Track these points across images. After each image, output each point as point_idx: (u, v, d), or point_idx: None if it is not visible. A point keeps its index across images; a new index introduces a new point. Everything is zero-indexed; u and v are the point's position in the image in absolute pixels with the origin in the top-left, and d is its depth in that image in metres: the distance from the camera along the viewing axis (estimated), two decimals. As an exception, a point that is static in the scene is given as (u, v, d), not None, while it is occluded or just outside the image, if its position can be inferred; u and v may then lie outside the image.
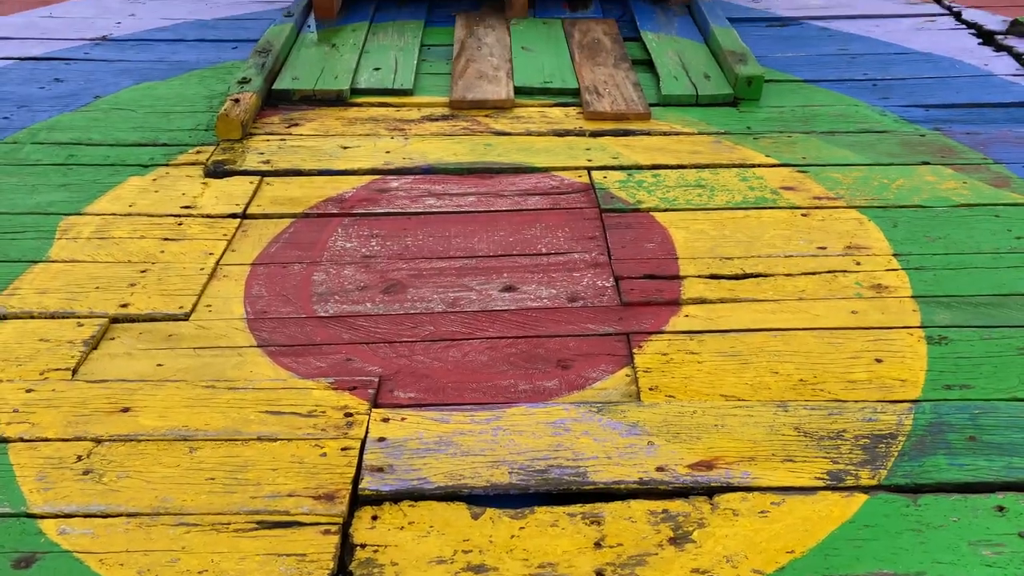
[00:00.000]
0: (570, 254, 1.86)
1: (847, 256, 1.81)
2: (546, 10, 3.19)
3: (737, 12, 3.15)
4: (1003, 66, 2.71)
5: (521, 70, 2.70)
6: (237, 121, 2.25)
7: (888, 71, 2.70)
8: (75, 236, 1.87)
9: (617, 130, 2.37)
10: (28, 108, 2.45)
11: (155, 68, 2.72)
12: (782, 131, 2.34)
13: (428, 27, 3.05)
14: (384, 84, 2.59)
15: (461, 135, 2.36)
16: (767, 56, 2.77)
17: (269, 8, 3.20)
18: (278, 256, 1.84)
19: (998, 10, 3.09)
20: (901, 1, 3.26)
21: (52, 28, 2.99)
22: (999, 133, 2.30)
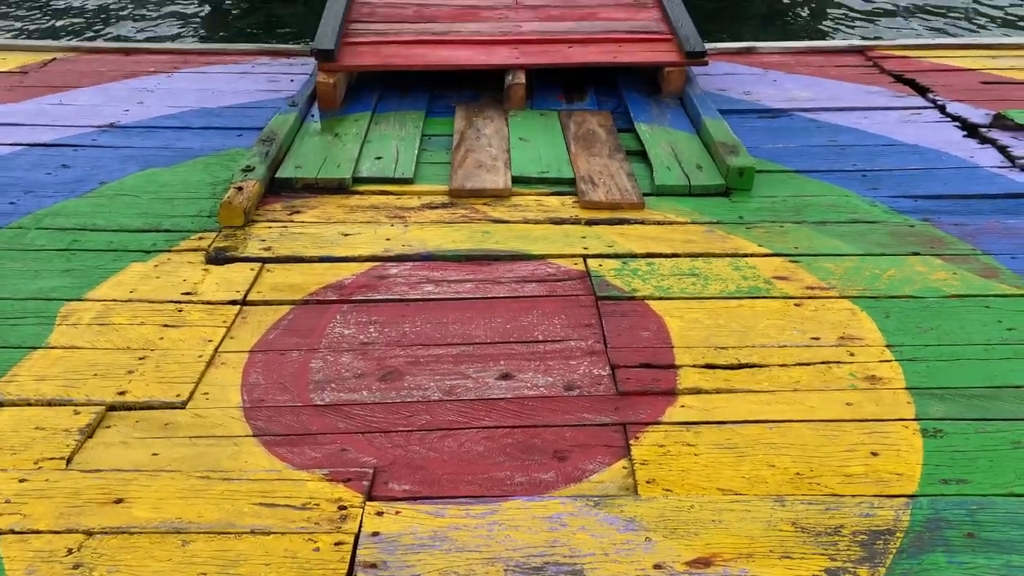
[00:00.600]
0: (566, 341, 1.87)
1: (841, 347, 1.83)
2: (543, 101, 3.29)
3: (728, 104, 3.24)
4: (988, 158, 2.78)
5: (519, 160, 2.77)
6: (240, 208, 2.29)
7: (877, 162, 2.77)
8: (75, 322, 1.89)
9: (612, 219, 2.42)
10: (34, 194, 2.50)
11: (160, 155, 2.78)
12: (774, 221, 2.39)
13: (429, 117, 3.14)
14: (385, 173, 2.65)
15: (460, 222, 2.40)
16: (758, 147, 2.85)
17: (274, 97, 3.29)
18: (276, 343, 1.85)
19: (980, 104, 3.19)
20: (886, 94, 3.37)
21: (62, 115, 3.07)
22: (987, 224, 2.35)
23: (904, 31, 6.89)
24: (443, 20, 3.69)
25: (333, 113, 3.11)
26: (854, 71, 3.62)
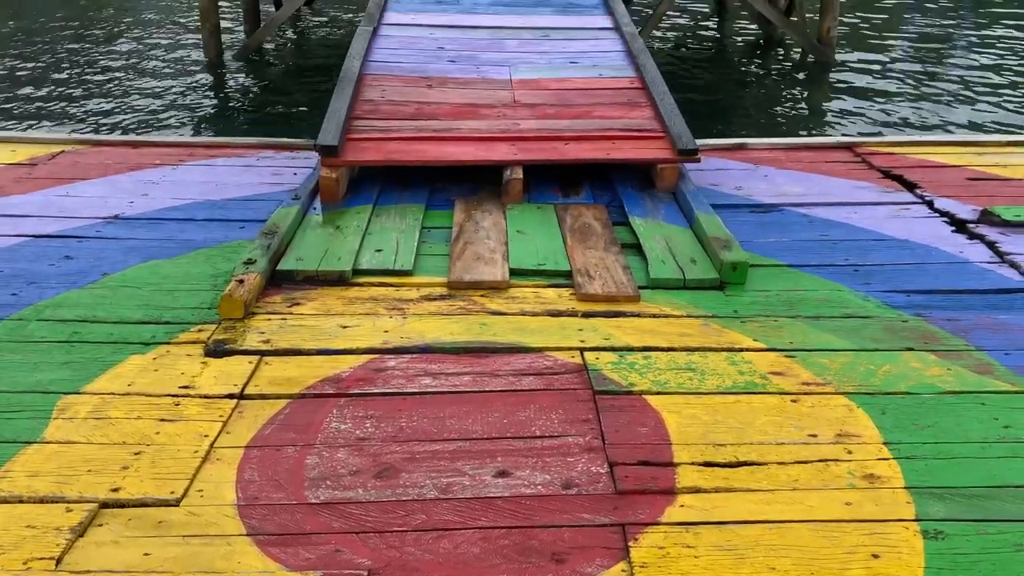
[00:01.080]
0: (564, 437, 1.87)
1: (838, 444, 1.82)
2: (540, 195, 3.36)
3: (721, 199, 3.31)
4: (977, 254, 2.84)
5: (516, 252, 2.82)
6: (240, 301, 2.32)
7: (868, 257, 2.82)
8: (72, 416, 1.88)
9: (608, 311, 2.45)
10: (37, 285, 2.52)
11: (163, 247, 2.82)
12: (768, 315, 2.42)
13: (429, 210, 3.20)
14: (385, 265, 2.70)
15: (458, 315, 2.43)
16: (751, 241, 2.90)
17: (278, 190, 3.36)
18: (272, 439, 1.84)
19: (967, 200, 3.27)
20: (875, 189, 3.45)
21: (68, 207, 3.13)
22: (978, 319, 2.38)
23: (890, 127, 7.10)
24: (444, 117, 3.81)
25: (335, 206, 3.18)
26: (843, 167, 3.72)
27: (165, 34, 10.74)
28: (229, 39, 10.00)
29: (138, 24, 11.43)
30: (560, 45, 5.05)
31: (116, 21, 11.63)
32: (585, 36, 5.25)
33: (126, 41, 10.29)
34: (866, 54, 9.97)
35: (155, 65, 9.06)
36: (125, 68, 8.91)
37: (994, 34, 11.30)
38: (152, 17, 12.01)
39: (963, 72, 9.16)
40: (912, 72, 9.12)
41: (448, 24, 5.44)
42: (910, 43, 10.81)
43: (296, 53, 10.05)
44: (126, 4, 13.08)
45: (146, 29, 11.07)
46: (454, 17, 5.61)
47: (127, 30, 10.99)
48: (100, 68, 8.87)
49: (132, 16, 12.06)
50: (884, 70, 9.18)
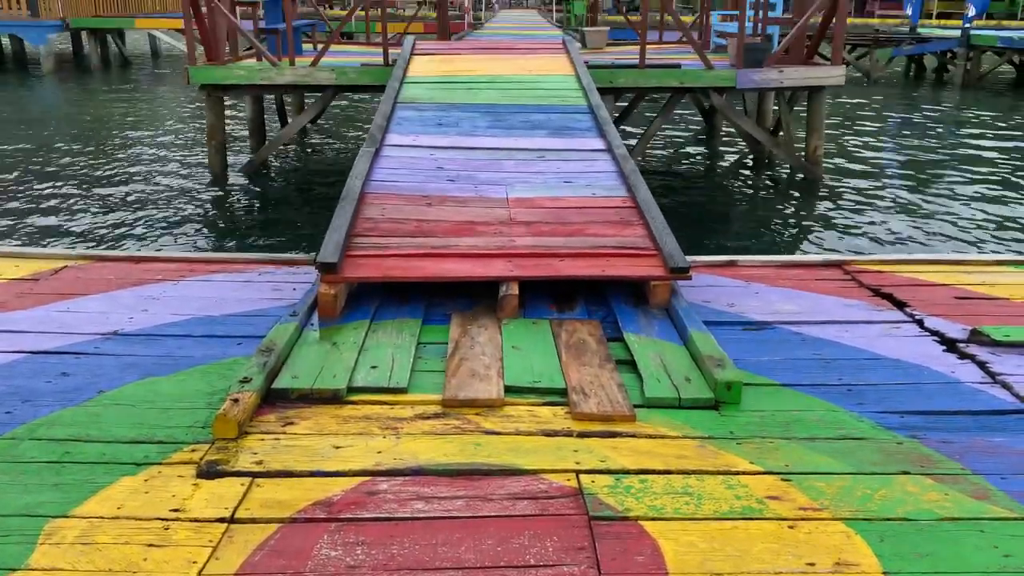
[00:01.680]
0: (559, 567, 1.83)
1: (837, 573, 1.79)
2: (535, 311, 3.41)
3: (714, 316, 3.36)
4: (969, 373, 2.86)
5: (511, 369, 2.83)
6: (234, 421, 2.32)
7: (861, 376, 2.84)
8: (59, 541, 1.85)
9: (604, 431, 2.44)
10: (32, 403, 2.52)
11: (160, 363, 2.84)
12: (764, 436, 2.42)
13: (425, 325, 3.23)
14: (380, 383, 2.70)
15: (452, 434, 2.42)
16: (744, 359, 2.93)
17: (276, 305, 3.41)
18: (261, 566, 1.81)
19: (956, 319, 3.32)
20: (866, 307, 3.50)
21: (67, 322, 3.16)
22: (972, 442, 2.38)
23: (878, 243, 7.25)
24: (442, 234, 3.90)
25: (332, 322, 3.22)
26: (834, 284, 3.78)
27: (171, 150, 11.08)
28: (235, 155, 10.31)
29: (145, 140, 11.80)
30: (555, 166, 5.22)
31: (124, 137, 12.01)
32: (579, 157, 5.43)
33: (133, 156, 10.59)
34: (853, 171, 10.29)
35: (161, 180, 9.30)
36: (131, 183, 9.14)
37: (976, 153, 11.70)
38: (159, 133, 12.41)
39: (948, 189, 9.43)
40: (898, 189, 9.39)
41: (448, 145, 5.65)
42: (895, 161, 11.17)
43: (300, 169, 10.34)
44: (134, 121, 13.53)
45: (153, 145, 11.42)
46: (454, 139, 5.83)
47: (134, 145, 11.34)
48: (106, 183, 9.10)
49: (140, 132, 12.47)
50: (871, 187, 9.45)
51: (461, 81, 7.96)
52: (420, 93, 7.35)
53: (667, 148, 11.91)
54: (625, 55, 10.66)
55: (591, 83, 7.60)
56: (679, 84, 9.04)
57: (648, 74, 8.97)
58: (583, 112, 6.76)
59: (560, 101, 7.15)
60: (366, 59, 9.78)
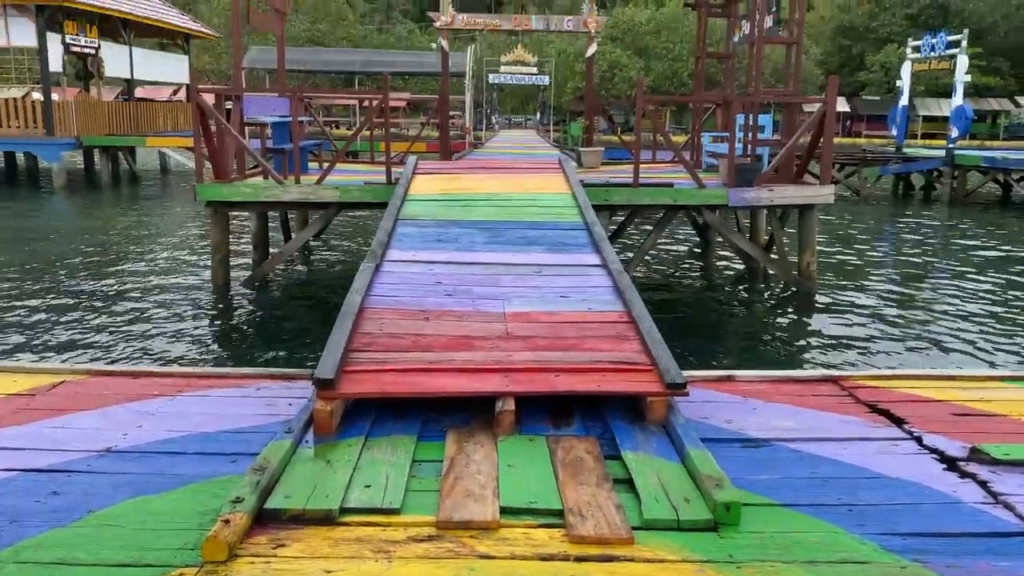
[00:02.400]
0: None
1: None
2: (531, 426, 3.39)
3: (711, 432, 3.34)
4: (970, 493, 2.82)
5: (507, 489, 2.79)
6: (224, 544, 2.27)
7: (861, 496, 2.80)
8: (36, 672, 1.79)
9: (601, 555, 2.39)
10: (19, 523, 2.48)
11: (152, 482, 2.80)
12: (764, 559, 2.37)
13: (421, 441, 3.21)
14: (373, 503, 2.66)
15: (445, 558, 2.37)
16: (743, 478, 2.89)
17: (272, 421, 3.39)
18: None
19: (955, 436, 3.30)
20: (863, 424, 3.49)
21: (61, 439, 3.14)
22: (978, 566, 2.33)
23: (873, 356, 7.27)
24: (439, 349, 3.93)
25: (328, 438, 3.20)
26: (830, 400, 3.78)
27: (175, 263, 11.25)
28: (238, 269, 10.47)
29: (150, 254, 12.00)
30: (551, 280, 5.31)
31: (129, 252, 12.22)
32: (575, 272, 5.53)
33: (137, 270, 10.75)
34: (847, 284, 10.43)
35: (164, 293, 9.41)
36: (134, 296, 9.24)
37: (967, 268, 11.89)
38: (164, 247, 12.63)
39: (941, 302, 9.53)
40: (892, 302, 9.49)
41: (446, 260, 5.76)
42: (888, 275, 11.34)
43: (302, 283, 10.47)
44: (140, 236, 13.80)
45: (158, 259, 11.61)
46: (452, 254, 5.95)
47: (139, 260, 11.52)
48: (109, 296, 9.20)
49: (145, 246, 12.69)
50: (865, 300, 9.56)
51: (461, 199, 8.19)
52: (421, 210, 7.54)
53: (663, 262, 12.11)
54: (620, 174, 11.00)
55: (586, 201, 7.81)
56: (673, 202, 9.29)
57: (642, 192, 9.23)
58: (579, 228, 6.93)
59: (556, 218, 7.33)
60: (370, 177, 10.08)
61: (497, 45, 49.46)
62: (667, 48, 50.86)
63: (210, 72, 48.67)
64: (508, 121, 52.14)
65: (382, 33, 64.35)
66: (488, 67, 35.46)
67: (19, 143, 21.56)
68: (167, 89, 32.34)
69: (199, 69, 41.15)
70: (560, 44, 52.27)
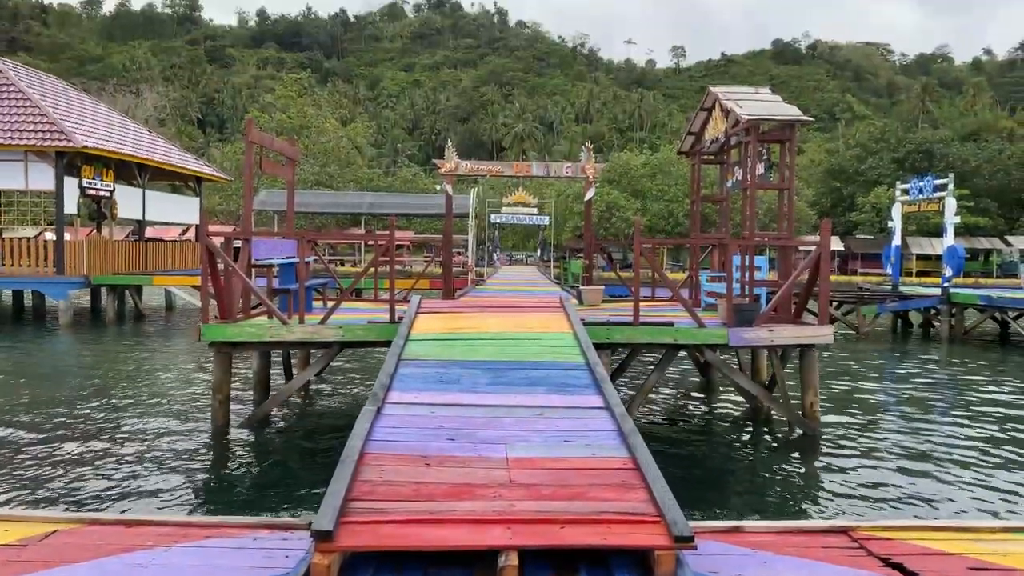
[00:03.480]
0: None
1: None
2: (535, 579, 3.30)
3: (721, 588, 3.24)
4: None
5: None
6: None
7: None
8: None
9: None
10: None
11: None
12: None
13: (420, 598, 3.11)
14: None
15: None
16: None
17: (270, 573, 3.29)
18: None
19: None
20: None
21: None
22: None
23: (881, 503, 7.11)
24: (440, 498, 3.86)
25: (325, 597, 3.10)
26: (841, 553, 3.68)
27: (175, 403, 11.19)
28: (238, 406, 10.41)
29: (150, 393, 11.96)
30: (554, 424, 5.28)
31: (129, 391, 12.19)
32: (578, 415, 5.51)
33: (136, 410, 10.68)
34: (852, 424, 10.32)
35: (162, 435, 9.31)
36: (132, 438, 9.14)
37: (971, 408, 11.80)
38: (165, 387, 12.60)
39: (948, 443, 9.41)
40: (898, 444, 9.36)
41: (448, 403, 5.75)
42: (892, 415, 11.24)
43: (303, 423, 10.38)
44: (141, 375, 13.80)
45: (157, 398, 11.56)
46: (455, 396, 5.94)
47: (139, 399, 11.47)
48: (107, 438, 9.10)
49: (145, 386, 12.67)
50: (871, 442, 9.43)
51: (463, 338, 8.25)
52: (423, 350, 7.59)
53: (665, 402, 12.04)
54: (620, 312, 11.14)
55: (588, 340, 7.88)
56: (673, 341, 9.36)
57: (642, 331, 9.31)
58: (581, 369, 6.95)
59: (558, 358, 7.37)
60: (373, 316, 10.20)
61: (499, 186, 51.24)
62: (662, 190, 52.62)
63: (220, 212, 50.17)
64: (510, 257, 53.22)
65: (388, 176, 66.74)
66: (490, 207, 36.58)
67: (28, 282, 21.92)
68: (177, 227, 33.24)
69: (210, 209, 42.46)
70: (559, 186, 54.13)
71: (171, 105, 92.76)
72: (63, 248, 21.56)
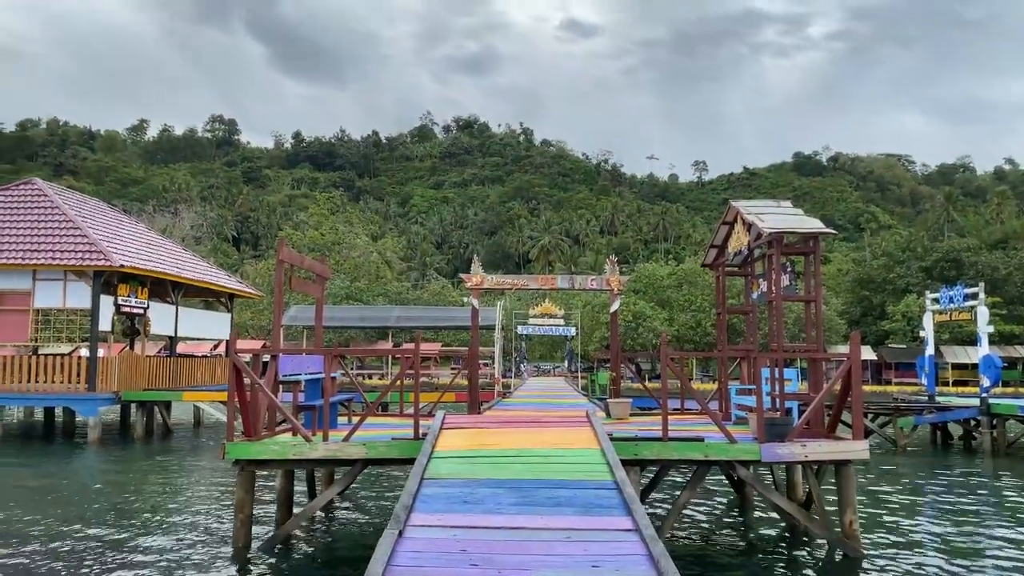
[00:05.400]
0: None
1: None
2: None
3: None
4: None
5: None
6: None
7: None
8: None
9: None
10: None
11: None
12: None
13: None
14: None
15: None
16: None
17: None
18: None
19: None
20: None
21: None
22: None
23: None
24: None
25: None
26: None
27: (197, 520, 11.03)
28: (259, 525, 10.22)
29: (172, 512, 11.81)
30: (582, 547, 5.11)
31: (152, 509, 12.06)
32: (606, 538, 5.33)
33: (158, 530, 10.53)
34: (896, 544, 9.85)
35: (181, 557, 9.13)
36: (152, 560, 8.97)
37: (1020, 528, 11.25)
38: (187, 505, 12.46)
39: (1000, 567, 8.92)
40: (945, 571, 8.89)
41: (472, 525, 5.60)
42: (937, 534, 10.73)
43: (324, 544, 10.15)
44: (165, 493, 13.69)
45: (179, 515, 11.41)
46: (477, 518, 5.79)
47: (160, 518, 11.33)
48: (126, 560, 8.94)
49: (168, 503, 12.53)
50: (917, 565, 8.97)
51: (488, 455, 8.12)
52: (447, 469, 7.47)
53: (697, 522, 11.63)
54: (648, 426, 10.94)
55: (616, 458, 7.71)
56: (704, 457, 9.12)
57: (672, 447, 9.11)
58: (609, 488, 6.77)
59: (586, 476, 7.20)
60: (398, 431, 10.12)
61: (526, 297, 51.64)
62: (689, 300, 52.68)
63: (252, 327, 50.90)
64: (537, 368, 53.02)
65: (417, 289, 67.69)
66: (517, 319, 36.77)
67: (59, 398, 22.14)
68: (209, 342, 33.66)
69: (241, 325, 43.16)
70: (586, 296, 54.44)
71: (207, 223, 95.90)
72: (96, 365, 21.86)
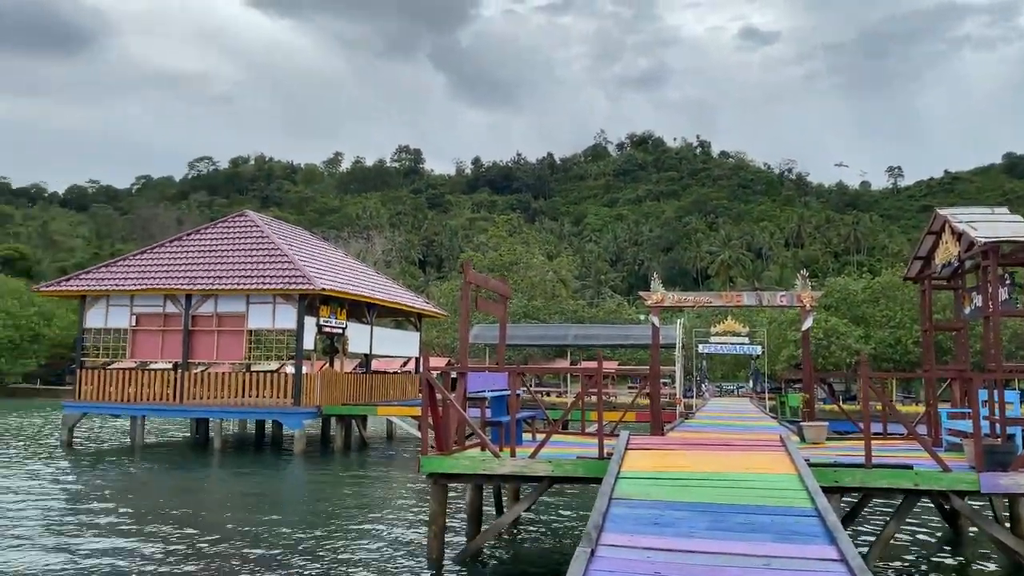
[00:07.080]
0: None
1: None
2: None
3: None
4: None
5: None
6: None
7: None
8: None
9: None
10: None
11: None
12: None
13: None
14: None
15: None
16: None
17: None
18: None
19: None
20: None
21: None
22: None
23: None
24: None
25: None
26: None
27: (391, 530, 11.58)
28: (449, 536, 10.59)
29: (368, 522, 12.47)
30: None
31: (348, 519, 12.79)
32: (809, 567, 5.07)
33: (352, 538, 11.16)
34: None
35: (382, 567, 9.61)
36: (345, 569, 9.50)
37: None
38: (383, 515, 13.12)
39: None
40: None
41: (665, 547, 5.51)
42: None
43: (513, 560, 10.34)
44: (361, 503, 14.49)
45: (375, 524, 12.03)
46: (671, 540, 5.69)
47: (356, 527, 11.99)
48: (321, 569, 9.52)
49: (365, 513, 13.25)
50: None
51: (676, 477, 7.96)
52: (634, 489, 7.39)
53: (906, 555, 10.76)
54: (847, 451, 10.29)
55: (816, 485, 7.32)
56: (914, 486, 8.45)
57: (876, 474, 8.52)
58: (810, 515, 6.43)
59: (783, 503, 6.88)
60: (581, 450, 10.15)
61: (706, 314, 50.28)
62: (887, 315, 49.07)
63: (437, 345, 53.02)
64: (719, 388, 51.35)
65: (592, 307, 67.76)
66: (697, 337, 35.84)
67: (270, 412, 24.14)
68: (398, 359, 35.44)
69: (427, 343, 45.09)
70: (772, 312, 52.14)
71: (396, 248, 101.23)
72: (301, 381, 23.62)
